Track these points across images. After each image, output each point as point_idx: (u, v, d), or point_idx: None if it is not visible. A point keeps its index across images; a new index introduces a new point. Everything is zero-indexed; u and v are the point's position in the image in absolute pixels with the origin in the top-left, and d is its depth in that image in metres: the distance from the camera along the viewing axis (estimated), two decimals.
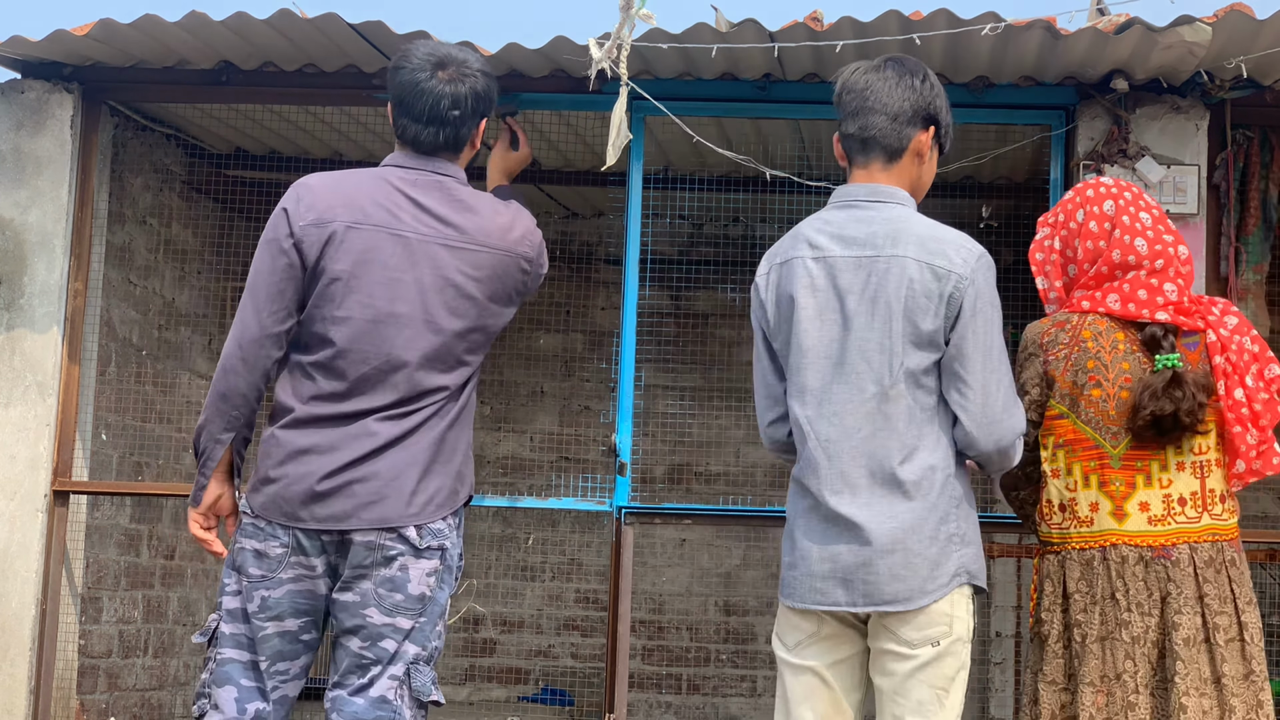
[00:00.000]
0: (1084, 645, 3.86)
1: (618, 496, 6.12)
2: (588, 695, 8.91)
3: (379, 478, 3.86)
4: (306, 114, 6.98)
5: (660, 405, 8.96)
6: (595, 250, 9.30)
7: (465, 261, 3.99)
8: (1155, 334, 3.90)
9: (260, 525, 3.91)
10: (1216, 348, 3.91)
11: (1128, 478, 3.90)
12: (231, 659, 3.92)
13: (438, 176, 4.07)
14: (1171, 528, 3.88)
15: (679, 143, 6.99)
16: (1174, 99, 6.04)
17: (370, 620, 3.86)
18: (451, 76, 4.08)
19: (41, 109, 6.42)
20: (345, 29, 5.92)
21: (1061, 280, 4.09)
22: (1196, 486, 3.90)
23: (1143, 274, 3.95)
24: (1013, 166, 7.40)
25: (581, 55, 5.89)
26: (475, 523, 9.19)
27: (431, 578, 3.93)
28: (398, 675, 3.88)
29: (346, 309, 3.92)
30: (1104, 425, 3.89)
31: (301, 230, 3.94)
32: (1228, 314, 3.97)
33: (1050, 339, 3.98)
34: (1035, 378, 4.00)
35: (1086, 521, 3.92)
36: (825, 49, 5.78)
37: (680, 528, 9.11)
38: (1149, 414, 3.82)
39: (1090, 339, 3.92)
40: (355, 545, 3.86)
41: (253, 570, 3.91)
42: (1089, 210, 4.03)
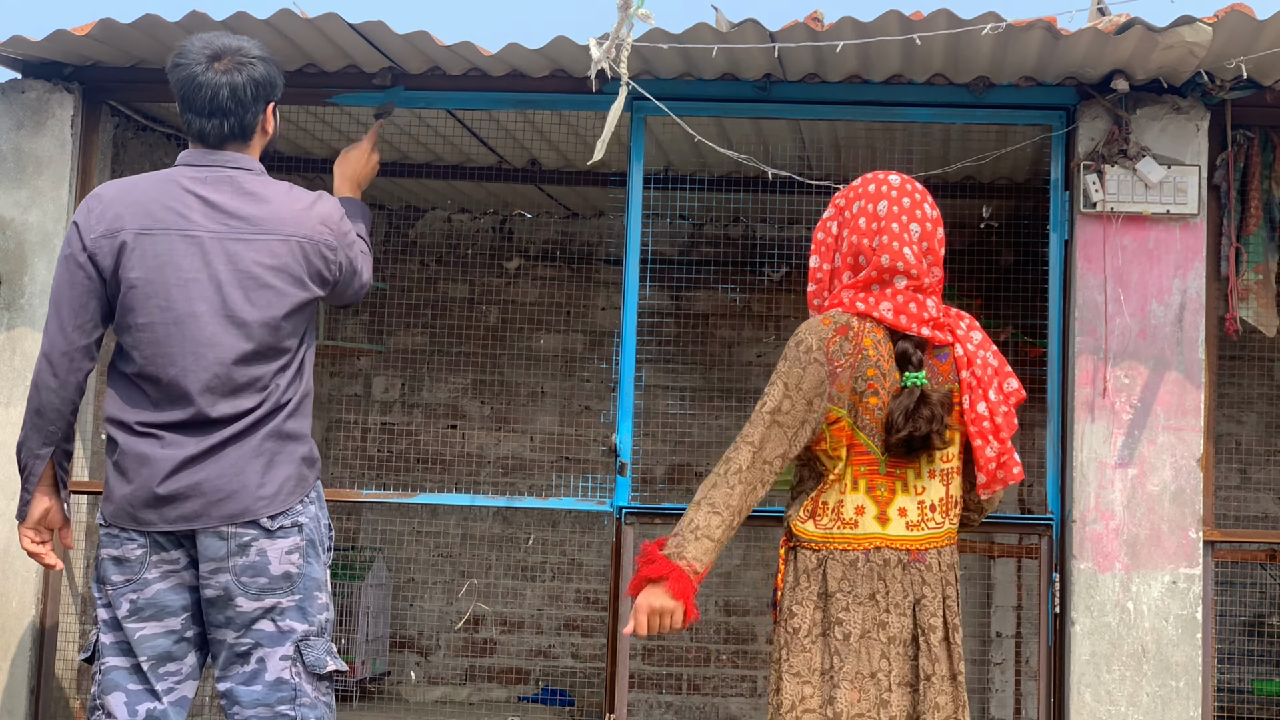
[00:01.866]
0: (845, 643, 3.92)
1: (618, 496, 6.12)
2: (588, 695, 8.90)
3: (223, 475, 3.89)
4: (307, 114, 6.98)
5: (660, 405, 8.96)
6: (596, 250, 9.29)
7: (260, 252, 4.02)
8: (906, 350, 3.94)
9: (114, 532, 3.95)
10: (964, 362, 4.00)
11: (890, 484, 3.98)
12: (115, 666, 3.95)
13: (228, 171, 4.10)
14: (924, 533, 3.99)
15: (679, 143, 6.99)
16: (1174, 99, 6.04)
17: (240, 609, 3.90)
18: (228, 66, 4.11)
19: (42, 109, 6.43)
20: (345, 29, 5.92)
21: (829, 265, 4.09)
22: (943, 493, 4.02)
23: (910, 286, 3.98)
24: (1013, 167, 7.40)
25: (582, 55, 5.90)
26: (475, 522, 9.19)
27: (294, 554, 3.97)
28: (288, 654, 3.94)
29: (147, 315, 3.97)
30: (875, 432, 3.94)
31: (93, 243, 3.99)
32: (973, 329, 4.07)
33: (835, 348, 3.93)
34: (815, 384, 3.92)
35: (851, 524, 3.97)
36: (826, 49, 5.78)
37: None
38: (904, 435, 3.87)
39: (870, 347, 3.93)
40: (206, 537, 3.88)
41: (115, 577, 3.96)
42: (863, 206, 4.04)
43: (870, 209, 4.01)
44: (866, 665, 3.91)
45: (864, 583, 3.94)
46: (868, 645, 3.92)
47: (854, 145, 7.12)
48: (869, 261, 3.98)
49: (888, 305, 3.96)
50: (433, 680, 9.18)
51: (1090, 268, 6.00)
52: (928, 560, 3.98)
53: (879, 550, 3.95)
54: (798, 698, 3.91)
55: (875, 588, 3.94)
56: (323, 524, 4.09)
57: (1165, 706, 5.82)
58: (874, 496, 3.96)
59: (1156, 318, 5.98)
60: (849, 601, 3.92)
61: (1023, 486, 8.88)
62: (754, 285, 9.03)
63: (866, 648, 3.92)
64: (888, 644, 3.92)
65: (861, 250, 3.99)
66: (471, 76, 6.32)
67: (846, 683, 3.88)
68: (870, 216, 4.00)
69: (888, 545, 3.95)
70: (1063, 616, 5.96)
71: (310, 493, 4.06)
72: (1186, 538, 5.91)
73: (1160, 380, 5.96)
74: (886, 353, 3.94)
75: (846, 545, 3.96)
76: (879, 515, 3.96)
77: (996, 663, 8.79)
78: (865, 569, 3.94)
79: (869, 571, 3.94)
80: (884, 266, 3.97)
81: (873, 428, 3.94)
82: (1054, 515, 6.04)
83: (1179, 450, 5.94)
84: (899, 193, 4.04)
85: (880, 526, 3.96)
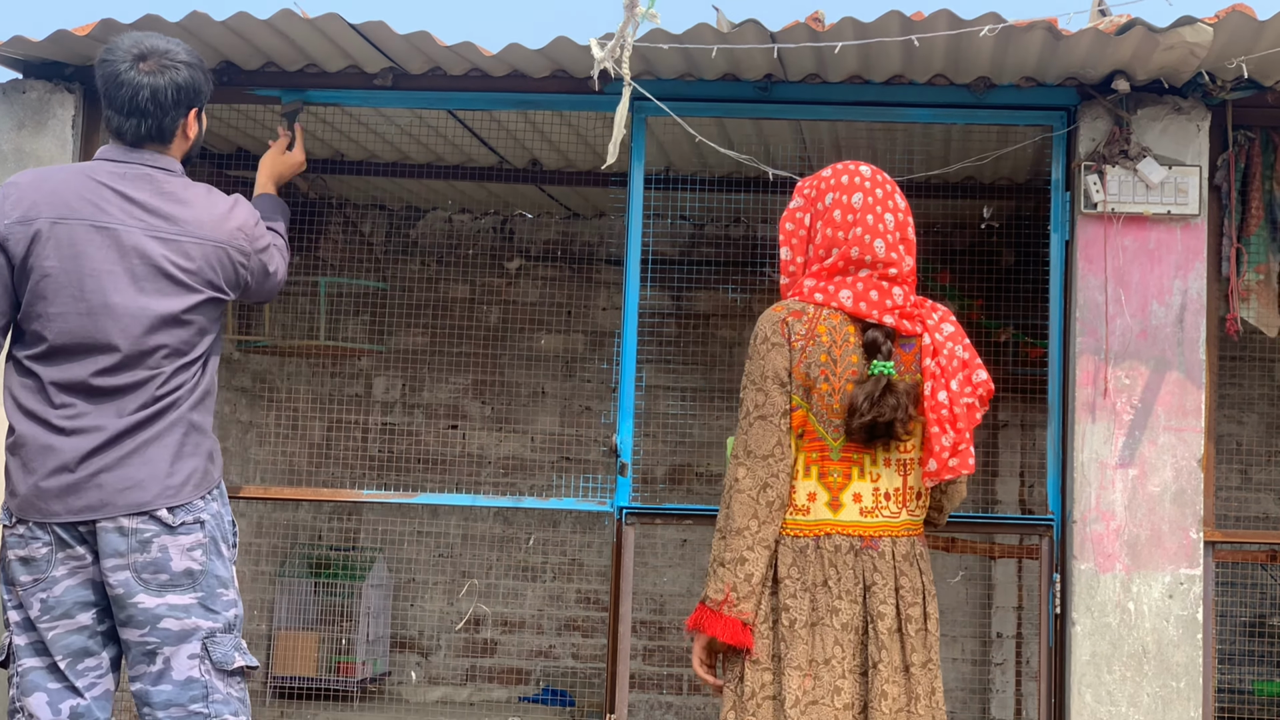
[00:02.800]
0: (792, 630, 3.94)
1: (619, 497, 6.12)
2: (589, 696, 8.90)
3: (128, 465, 3.90)
4: (308, 114, 6.98)
5: (661, 406, 8.96)
6: (596, 251, 9.30)
7: (175, 251, 4.05)
8: (876, 339, 3.97)
9: (20, 532, 3.94)
10: (929, 350, 4.02)
11: (844, 469, 3.99)
12: (32, 667, 3.94)
13: (147, 169, 4.11)
14: (878, 520, 4.00)
15: (680, 143, 6.99)
16: (1175, 100, 6.04)
17: (142, 606, 3.89)
18: (152, 68, 4.12)
19: (43, 109, 6.43)
20: (346, 29, 5.92)
21: (802, 257, 4.11)
22: (900, 483, 4.03)
23: (875, 275, 3.99)
24: (1014, 167, 7.40)
25: (583, 56, 5.90)
26: (476, 523, 9.19)
27: (196, 551, 3.97)
28: (195, 652, 3.92)
29: (60, 305, 3.98)
30: (828, 419, 3.96)
31: (6, 229, 4.00)
32: (945, 321, 4.08)
33: (789, 329, 3.97)
34: (782, 368, 3.97)
35: (803, 510, 3.99)
36: (826, 49, 5.78)
37: (681, 528, 9.11)
38: (867, 420, 3.88)
39: (825, 333, 3.95)
40: (108, 533, 3.87)
41: (23, 578, 3.94)
42: (838, 198, 4.05)
43: (845, 200, 4.03)
44: (820, 652, 3.92)
45: (814, 569, 3.95)
46: (820, 632, 3.93)
47: (855, 145, 7.12)
48: (839, 252, 4.00)
49: (847, 293, 3.98)
50: (433, 680, 9.18)
51: (1091, 268, 6.00)
52: (880, 548, 3.98)
53: (829, 537, 3.96)
54: (758, 684, 3.94)
55: (827, 574, 3.95)
56: (226, 520, 4.10)
57: (1166, 707, 5.82)
58: (826, 483, 3.97)
59: (1157, 318, 5.98)
60: (797, 588, 3.94)
61: (1023, 486, 8.88)
62: (755, 286, 9.03)
63: (819, 635, 3.93)
64: (840, 630, 3.93)
65: (835, 243, 4.01)
66: (472, 77, 6.32)
67: (794, 669, 3.90)
68: (845, 209, 4.02)
69: (839, 531, 3.96)
70: (1063, 617, 5.96)
71: (214, 489, 4.07)
72: (1187, 538, 5.91)
73: (1161, 381, 5.95)
74: (841, 339, 3.95)
75: (797, 532, 3.97)
76: (830, 501, 3.97)
77: (997, 663, 8.79)
78: (814, 556, 3.95)
79: (819, 558, 3.95)
80: (851, 258, 3.99)
81: (824, 414, 3.95)
82: (1054, 516, 6.04)
83: (1180, 451, 5.94)
84: (872, 184, 4.06)
85: (832, 513, 3.97)
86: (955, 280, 8.45)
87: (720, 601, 3.95)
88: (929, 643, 4.06)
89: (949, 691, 8.76)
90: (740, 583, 3.93)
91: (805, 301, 4.00)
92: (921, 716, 3.99)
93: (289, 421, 8.70)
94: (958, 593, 8.89)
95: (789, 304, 4.01)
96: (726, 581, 3.95)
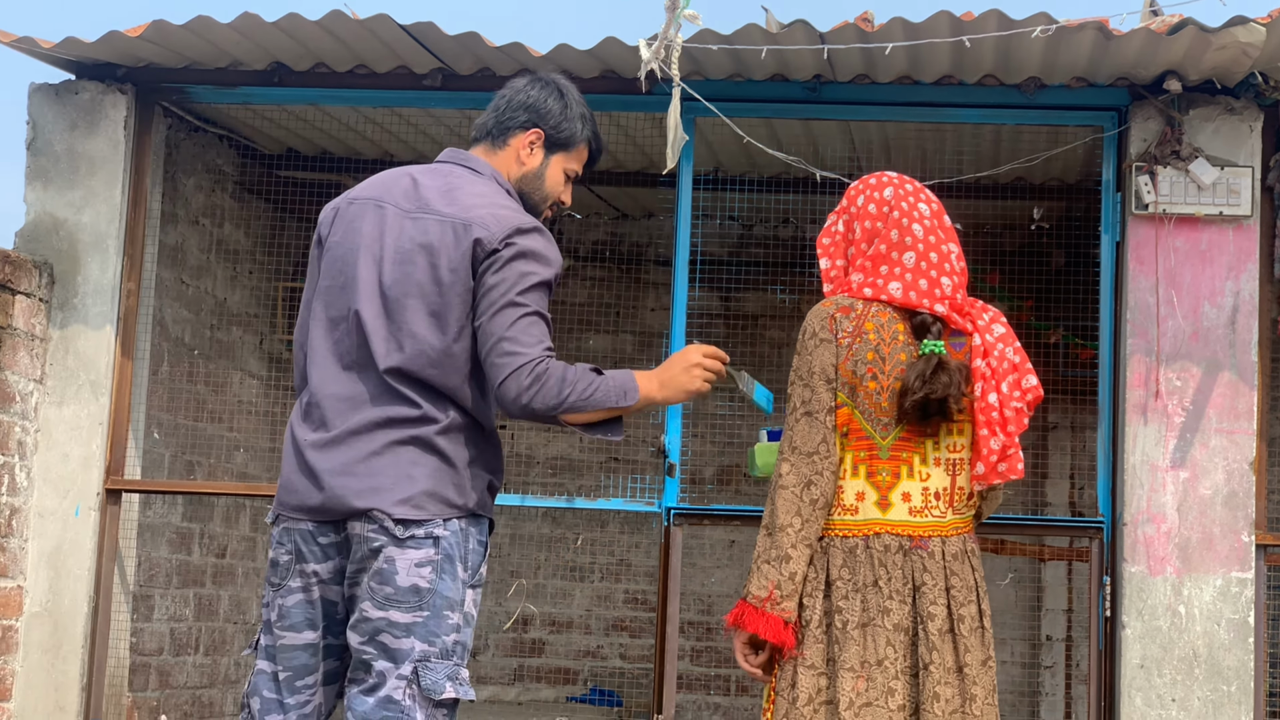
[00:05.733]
0: (844, 631, 3.90)
1: (666, 497, 6.13)
2: (636, 696, 8.91)
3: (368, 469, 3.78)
4: (357, 115, 7.01)
5: (709, 406, 8.96)
6: (645, 251, 9.30)
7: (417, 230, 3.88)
8: (925, 320, 3.95)
9: (275, 535, 3.89)
10: (979, 351, 3.98)
11: (894, 468, 3.96)
12: (261, 670, 3.90)
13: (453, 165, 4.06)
14: (928, 520, 3.97)
15: (729, 144, 6.99)
16: (1228, 100, 6.00)
17: (366, 614, 3.74)
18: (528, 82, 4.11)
19: (95, 110, 6.47)
20: (396, 30, 5.95)
21: (842, 260, 4.10)
22: (948, 483, 3.99)
23: (923, 264, 3.96)
24: (1064, 168, 7.36)
25: (631, 56, 5.90)
26: (524, 523, 9.21)
27: (425, 568, 3.75)
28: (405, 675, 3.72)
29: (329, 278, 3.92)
30: (876, 417, 3.93)
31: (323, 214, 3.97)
32: (995, 322, 4.05)
33: (837, 325, 3.95)
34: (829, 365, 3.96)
35: (851, 510, 3.97)
36: (876, 50, 5.76)
37: (729, 529, 9.10)
38: (919, 398, 3.86)
39: (872, 330, 3.93)
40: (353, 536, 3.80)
41: (272, 579, 3.89)
42: (869, 195, 4.06)
43: (877, 196, 4.04)
44: (872, 653, 3.90)
45: (864, 570, 3.94)
46: (872, 633, 3.91)
47: (904, 146, 7.10)
48: (879, 238, 4.00)
49: (896, 285, 3.96)
50: (481, 680, 9.20)
51: (1142, 269, 5.97)
52: (930, 548, 3.96)
53: (879, 536, 3.94)
54: (814, 690, 3.92)
55: (877, 574, 3.93)
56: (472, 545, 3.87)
57: (1217, 711, 5.79)
58: (874, 482, 3.95)
59: (1209, 320, 5.94)
60: (848, 589, 3.92)
61: (1074, 489, 8.84)
62: (803, 286, 9.01)
63: (871, 635, 3.91)
64: (892, 631, 3.91)
65: (875, 234, 4.01)
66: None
67: (847, 671, 3.88)
68: (878, 202, 4.03)
69: (888, 531, 3.94)
70: (1113, 620, 5.93)
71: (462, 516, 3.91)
72: (1239, 541, 5.87)
73: (1213, 383, 5.92)
74: (889, 336, 3.94)
75: (847, 532, 3.96)
76: (879, 501, 3.95)
77: (1047, 666, 8.75)
78: (864, 556, 3.93)
79: (868, 559, 3.93)
80: (892, 241, 3.98)
81: (871, 412, 3.94)
82: (1105, 518, 6.01)
83: (1231, 453, 5.90)
84: (900, 180, 4.08)
85: (881, 512, 3.95)
86: (1005, 281, 8.41)
87: (763, 599, 3.94)
88: (985, 641, 4.04)
89: (999, 694, 8.72)
90: (784, 580, 3.92)
91: (854, 297, 3.99)
92: (978, 718, 3.97)
93: None
94: (1007, 595, 8.86)
95: (838, 299, 4.00)
96: (770, 579, 3.94)
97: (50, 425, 6.36)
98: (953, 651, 3.97)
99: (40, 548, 6.31)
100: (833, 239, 4.15)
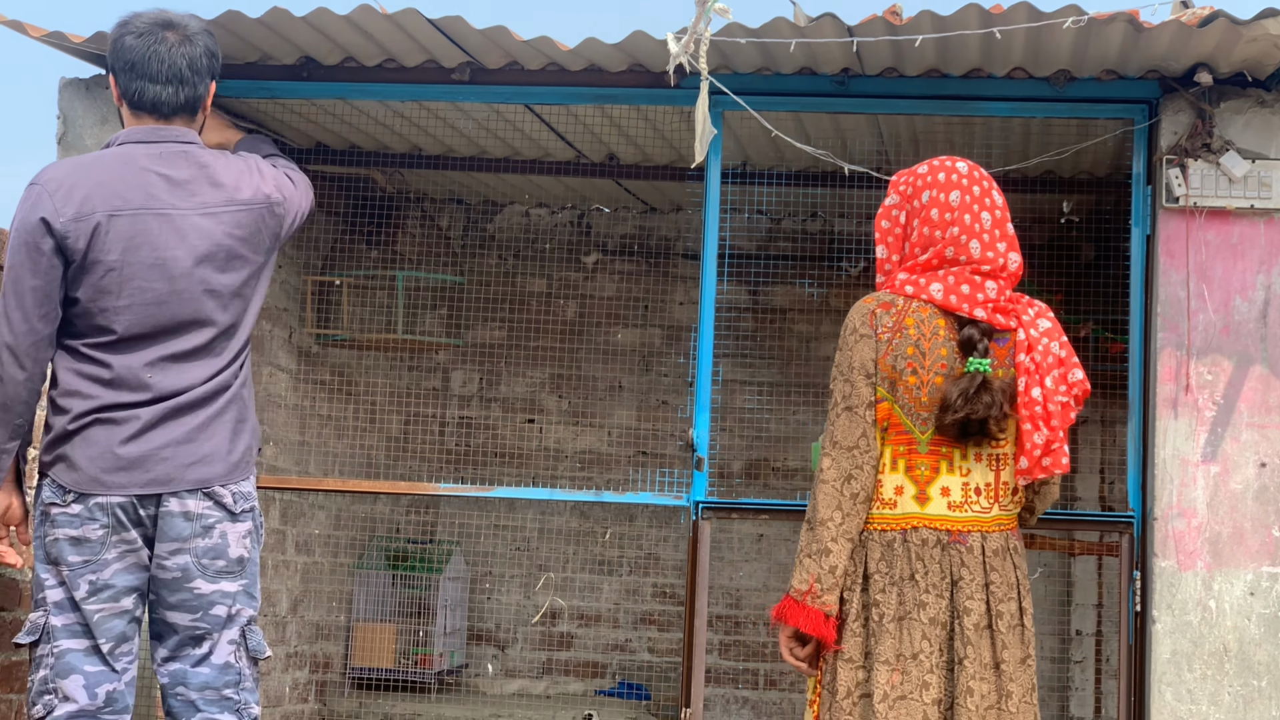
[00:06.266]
0: (881, 625, 3.90)
1: (695, 491, 6.12)
2: (664, 690, 8.91)
3: (195, 441, 3.92)
4: (385, 109, 7.01)
5: (738, 400, 8.95)
6: (674, 245, 9.29)
7: (229, 224, 4.06)
8: (972, 336, 3.93)
9: (73, 512, 3.92)
10: (1024, 346, 3.96)
11: (933, 463, 3.94)
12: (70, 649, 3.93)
13: (180, 146, 4.11)
14: (968, 515, 3.94)
15: (757, 138, 6.98)
16: (1259, 93, 5.98)
17: (198, 591, 3.91)
18: (180, 38, 4.12)
19: None
20: (424, 24, 5.95)
21: (898, 255, 4.07)
22: (991, 478, 3.97)
23: (968, 269, 3.94)
24: (1094, 161, 7.34)
25: (660, 50, 5.89)
26: (552, 516, 9.21)
27: (247, 539, 4.05)
28: (235, 639, 3.99)
29: (127, 296, 3.99)
30: (915, 412, 3.92)
31: (63, 227, 3.97)
32: (1041, 317, 4.02)
33: (878, 320, 3.94)
34: (869, 360, 3.94)
35: (890, 504, 3.95)
36: (904, 43, 5.75)
37: (758, 522, 9.09)
38: (960, 417, 3.84)
39: (913, 326, 3.91)
40: (173, 517, 3.88)
41: (72, 558, 3.93)
42: (934, 196, 4.01)
43: (943, 199, 4.00)
44: (908, 646, 3.89)
45: (901, 563, 3.92)
46: (908, 626, 3.90)
47: (933, 140, 7.08)
48: (934, 250, 3.98)
49: (938, 286, 3.95)
50: (510, 673, 9.21)
51: (1172, 263, 5.95)
52: (969, 542, 3.94)
53: (916, 530, 3.93)
54: (852, 683, 3.90)
55: (914, 568, 3.91)
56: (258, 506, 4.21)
57: (1247, 706, 5.76)
58: (913, 476, 3.94)
59: (1240, 314, 5.92)
60: (885, 583, 3.91)
61: (1104, 483, 8.82)
62: (832, 280, 9.00)
63: (907, 629, 3.90)
64: (928, 625, 3.90)
65: (931, 242, 3.99)
66: (549, 71, 6.33)
67: (882, 664, 3.87)
68: (943, 207, 3.99)
69: (926, 525, 3.93)
70: (1143, 615, 5.91)
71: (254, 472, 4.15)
72: (1270, 536, 5.84)
73: (1244, 377, 5.89)
74: (930, 331, 3.92)
75: (885, 525, 3.94)
76: (918, 495, 3.94)
77: (1077, 661, 8.73)
78: (902, 550, 3.92)
79: (905, 552, 3.92)
80: (946, 258, 3.97)
81: (910, 407, 3.93)
82: (1135, 512, 5.99)
83: (1263, 448, 5.87)
84: (969, 180, 4.03)
85: (919, 506, 3.93)
86: (1034, 275, 8.39)
87: (804, 593, 3.94)
88: (1025, 639, 4.03)
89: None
90: (824, 574, 3.91)
91: (895, 294, 3.98)
92: (1014, 715, 3.94)
93: (367, 415, 8.75)
94: (1037, 589, 8.83)
95: (879, 295, 4.00)
96: (811, 573, 3.94)
97: None
98: (990, 647, 3.96)
99: None
100: (892, 225, 4.11)
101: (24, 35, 6.11)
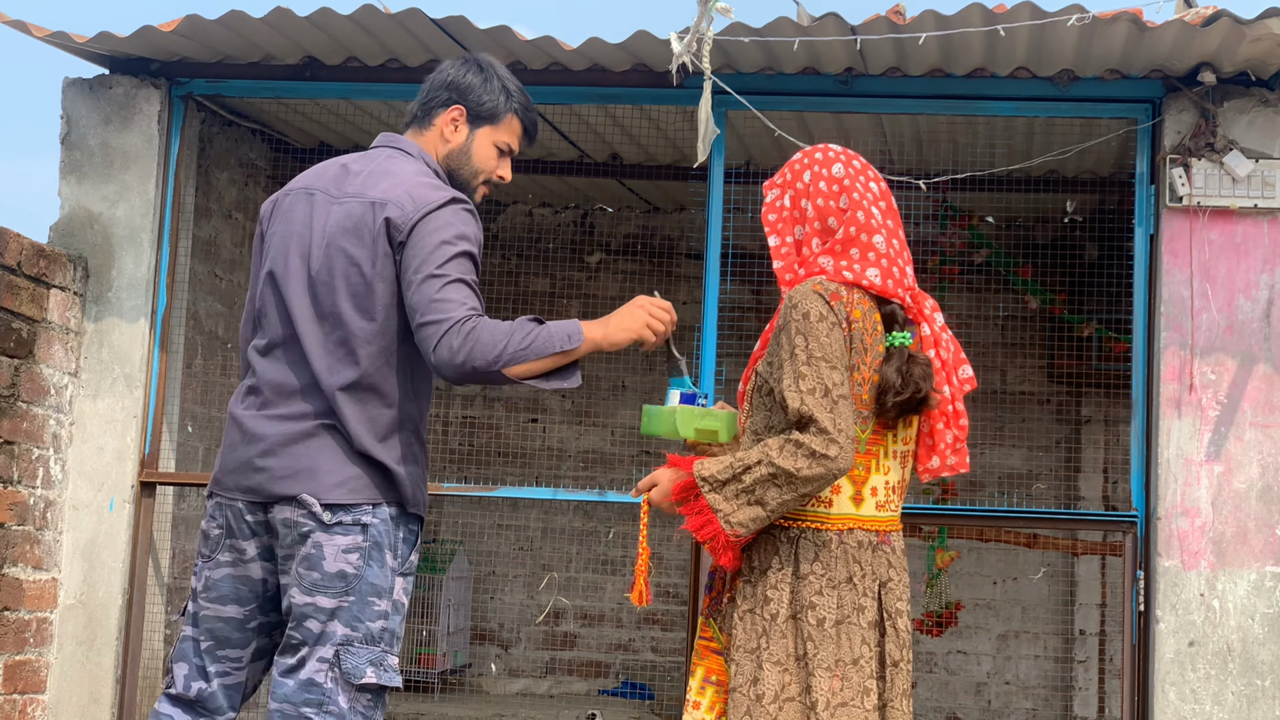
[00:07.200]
0: (820, 629, 3.73)
1: None
2: (668, 689, 8.91)
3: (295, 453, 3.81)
4: (389, 108, 7.02)
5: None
6: (677, 244, 9.30)
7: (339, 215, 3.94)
8: (894, 311, 3.80)
9: (209, 507, 3.92)
10: (930, 342, 3.84)
11: (866, 462, 3.81)
12: (186, 636, 3.93)
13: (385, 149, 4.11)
14: (888, 514, 3.83)
15: (760, 137, 6.98)
16: (1263, 92, 5.98)
17: (294, 600, 3.75)
18: None
19: (129, 104, 6.50)
20: (427, 24, 5.95)
21: (791, 237, 3.95)
22: (901, 476, 3.86)
23: (890, 250, 3.83)
24: (1098, 161, 7.34)
25: (663, 50, 5.90)
26: (556, 516, 9.22)
27: (353, 554, 3.75)
28: (326, 657, 3.72)
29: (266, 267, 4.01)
30: (858, 410, 3.79)
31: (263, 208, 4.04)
32: (936, 310, 3.90)
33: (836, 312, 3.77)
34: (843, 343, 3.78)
35: (826, 503, 3.80)
36: (908, 42, 5.75)
37: None
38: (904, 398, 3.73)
39: (859, 319, 3.76)
40: (277, 525, 3.81)
41: (202, 549, 3.92)
42: (816, 171, 3.88)
43: (826, 173, 3.88)
44: (848, 652, 3.74)
45: (839, 565, 3.77)
46: (848, 631, 3.73)
47: (936, 139, 7.09)
48: (842, 222, 3.86)
49: (875, 270, 3.80)
50: (513, 673, 9.22)
51: (1176, 262, 5.95)
52: (892, 543, 3.87)
53: (851, 532, 3.77)
54: (779, 686, 3.74)
55: (851, 570, 3.76)
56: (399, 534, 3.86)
57: (1251, 705, 5.76)
58: (852, 476, 3.82)
59: (1244, 313, 5.92)
60: (822, 585, 3.74)
61: (1107, 483, 8.81)
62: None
63: (846, 633, 3.74)
64: (867, 629, 3.78)
65: (830, 213, 3.85)
66: (553, 71, 6.34)
67: (823, 670, 3.71)
68: (829, 179, 3.87)
69: (860, 526, 3.78)
70: (1147, 614, 5.91)
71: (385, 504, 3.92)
72: (1273, 535, 5.84)
73: (1248, 376, 5.89)
74: (870, 326, 3.81)
75: (819, 525, 3.81)
76: (854, 495, 3.79)
77: (1080, 660, 8.73)
78: (839, 551, 3.76)
79: (842, 554, 3.76)
80: (860, 223, 3.82)
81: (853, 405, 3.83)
82: (1139, 512, 5.99)
83: (1266, 447, 5.87)
84: (848, 155, 3.93)
85: (855, 507, 3.79)
86: (1037, 275, 8.39)
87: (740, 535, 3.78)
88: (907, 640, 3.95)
89: (1032, 688, 8.71)
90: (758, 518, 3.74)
91: (836, 282, 3.84)
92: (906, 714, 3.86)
93: None
94: (1040, 589, 8.83)
95: (824, 284, 3.83)
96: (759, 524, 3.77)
97: (84, 418, 6.39)
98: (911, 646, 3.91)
99: (75, 540, 6.34)
100: (779, 215, 4.00)
101: (28, 35, 6.12)
